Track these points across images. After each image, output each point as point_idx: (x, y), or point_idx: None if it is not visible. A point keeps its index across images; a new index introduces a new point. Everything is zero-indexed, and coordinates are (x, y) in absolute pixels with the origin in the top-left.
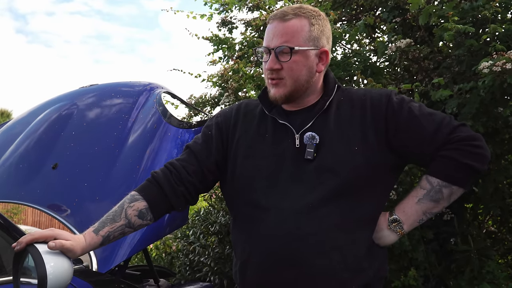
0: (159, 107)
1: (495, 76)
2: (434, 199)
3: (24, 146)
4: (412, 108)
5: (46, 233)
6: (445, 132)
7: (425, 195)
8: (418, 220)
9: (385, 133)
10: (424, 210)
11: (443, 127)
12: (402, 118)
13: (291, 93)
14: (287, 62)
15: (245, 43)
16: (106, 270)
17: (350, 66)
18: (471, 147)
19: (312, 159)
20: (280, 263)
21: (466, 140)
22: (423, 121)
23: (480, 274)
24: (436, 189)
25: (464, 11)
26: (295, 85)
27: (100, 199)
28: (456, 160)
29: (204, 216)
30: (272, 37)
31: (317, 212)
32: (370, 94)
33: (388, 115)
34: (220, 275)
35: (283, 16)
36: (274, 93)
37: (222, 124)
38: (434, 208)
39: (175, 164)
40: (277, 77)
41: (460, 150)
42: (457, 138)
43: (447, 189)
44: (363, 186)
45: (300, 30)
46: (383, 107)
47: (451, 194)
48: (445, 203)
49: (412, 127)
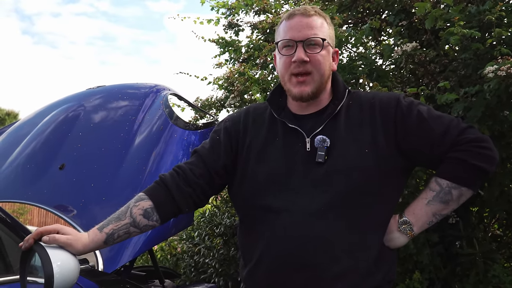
0: (165, 109)
1: (500, 80)
2: (444, 201)
3: (31, 146)
4: (421, 111)
5: (50, 228)
6: (454, 134)
7: (435, 196)
8: (428, 222)
9: (394, 136)
10: (434, 211)
11: (452, 129)
12: (411, 121)
13: (317, 89)
14: (316, 55)
15: (251, 45)
16: (112, 270)
17: (355, 69)
18: (479, 148)
19: (323, 162)
20: (291, 266)
21: (474, 141)
22: (432, 123)
23: (485, 278)
24: (446, 191)
25: (471, 15)
26: (321, 80)
27: (106, 200)
28: (465, 161)
29: (209, 218)
30: (300, 29)
31: (328, 215)
32: (379, 97)
33: (397, 118)
34: (225, 276)
35: (305, 12)
36: (300, 91)
37: (231, 128)
38: (444, 209)
39: (182, 167)
40: (304, 70)
41: (468, 151)
42: (465, 140)
43: (456, 190)
44: (374, 189)
45: (323, 26)
46: (392, 110)
47: (460, 196)
48: (454, 204)
49: (421, 130)
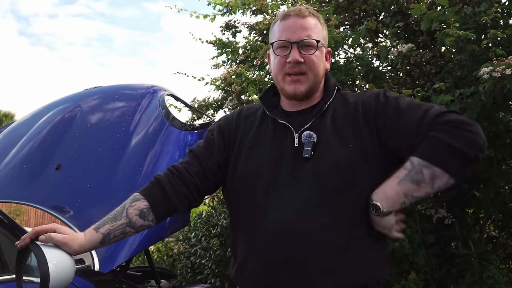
0: (162, 110)
1: (495, 82)
2: (414, 180)
3: (28, 147)
4: (399, 102)
5: (46, 227)
6: (432, 116)
7: (406, 175)
8: (400, 203)
9: (376, 132)
10: (405, 191)
11: (430, 112)
12: (390, 114)
13: (311, 88)
14: (310, 56)
15: (248, 46)
16: (108, 270)
17: (352, 70)
18: (459, 129)
19: (309, 157)
20: (279, 262)
21: (454, 122)
22: (409, 112)
23: (480, 279)
24: (417, 169)
25: (466, 17)
26: (315, 80)
27: (102, 200)
28: (439, 139)
29: (206, 219)
30: (294, 30)
31: (315, 211)
32: (364, 95)
33: (377, 112)
34: (221, 277)
35: (300, 13)
36: (294, 89)
37: (224, 127)
38: (416, 191)
39: (177, 166)
40: (299, 71)
41: (445, 131)
42: (443, 120)
43: (428, 170)
44: (360, 183)
45: (317, 27)
46: (372, 106)
47: (434, 177)
48: (428, 188)
49: (399, 120)
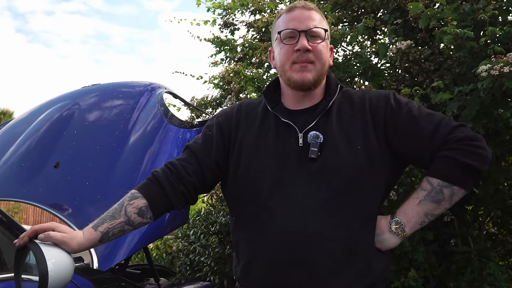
0: (160, 107)
1: (494, 79)
2: (435, 200)
3: (26, 145)
4: (411, 108)
5: (45, 226)
6: (444, 133)
7: (426, 196)
8: (420, 222)
9: (384, 134)
10: (425, 211)
11: (442, 127)
12: (401, 119)
13: (318, 77)
14: (318, 45)
15: (246, 44)
16: (107, 268)
17: (350, 68)
18: (470, 147)
19: (316, 158)
20: (285, 263)
21: (465, 140)
22: (421, 121)
23: (480, 276)
24: (437, 190)
25: (464, 14)
26: (321, 70)
27: (101, 198)
28: (456, 159)
29: (205, 216)
30: (301, 20)
31: (322, 212)
32: (369, 95)
33: (387, 115)
34: (220, 275)
35: (306, 5)
36: (302, 77)
37: (223, 123)
38: (436, 209)
39: (175, 163)
40: (306, 59)
41: (459, 150)
42: (456, 138)
43: (447, 189)
44: (367, 185)
45: (322, 20)
46: (381, 108)
47: (453, 195)
48: (446, 204)
49: (410, 127)
